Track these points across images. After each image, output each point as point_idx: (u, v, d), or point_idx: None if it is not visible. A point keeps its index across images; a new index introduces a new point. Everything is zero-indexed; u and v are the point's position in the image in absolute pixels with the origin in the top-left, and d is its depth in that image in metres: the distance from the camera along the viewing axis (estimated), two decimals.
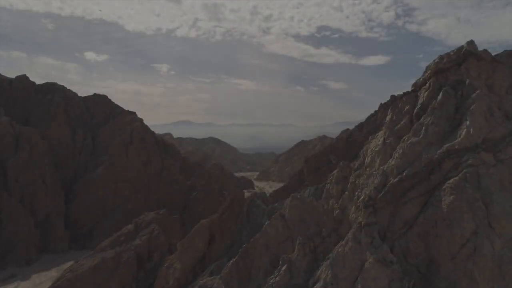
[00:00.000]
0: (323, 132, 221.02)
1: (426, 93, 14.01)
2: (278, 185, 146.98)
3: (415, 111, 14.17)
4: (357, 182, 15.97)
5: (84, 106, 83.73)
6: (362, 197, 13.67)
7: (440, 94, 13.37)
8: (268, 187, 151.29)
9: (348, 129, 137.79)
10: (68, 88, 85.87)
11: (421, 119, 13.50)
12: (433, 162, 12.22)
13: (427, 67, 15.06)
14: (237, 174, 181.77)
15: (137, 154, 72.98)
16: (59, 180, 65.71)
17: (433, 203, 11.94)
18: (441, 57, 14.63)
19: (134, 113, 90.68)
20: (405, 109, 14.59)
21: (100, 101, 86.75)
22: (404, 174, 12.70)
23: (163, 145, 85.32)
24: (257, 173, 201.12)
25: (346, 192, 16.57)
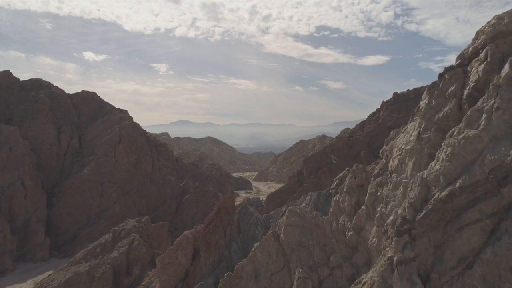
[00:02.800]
0: (322, 132, 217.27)
1: (482, 66, 9.66)
2: (277, 186, 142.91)
3: (466, 92, 9.80)
4: (379, 193, 11.62)
5: (71, 104, 79.22)
6: (392, 217, 9.34)
7: (506, 66, 9.04)
8: (267, 187, 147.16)
9: (348, 128, 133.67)
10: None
11: (478, 103, 9.16)
12: (505, 167, 7.91)
13: (478, 32, 10.72)
14: (235, 175, 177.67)
15: (126, 154, 68.51)
16: (41, 182, 61.16)
17: (508, 231, 7.64)
18: (499, 18, 10.30)
19: (125, 111, 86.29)
20: (450, 90, 10.21)
21: (88, 98, 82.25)
22: (458, 185, 8.38)
23: (154, 145, 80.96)
24: (256, 173, 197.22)
25: (363, 207, 12.19)
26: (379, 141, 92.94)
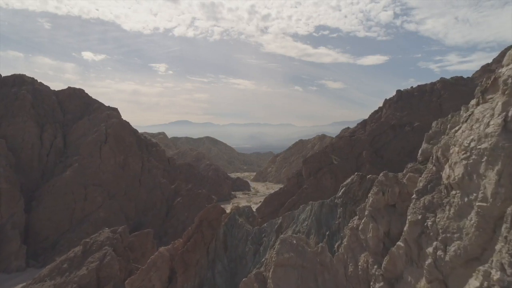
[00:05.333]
0: (322, 132, 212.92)
1: None
2: (276, 186, 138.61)
3: None
4: (429, 223, 7.11)
5: (56, 101, 74.62)
6: (478, 282, 4.92)
7: None
8: (265, 188, 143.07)
9: (348, 128, 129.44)
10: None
11: None
12: None
13: None
14: (233, 175, 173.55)
15: (112, 154, 63.93)
16: (19, 185, 56.59)
17: None
18: None
19: (115, 108, 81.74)
20: None
21: (75, 95, 77.64)
22: None
23: (145, 144, 76.42)
24: (254, 173, 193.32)
25: (400, 243, 7.67)
26: (382, 140, 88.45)
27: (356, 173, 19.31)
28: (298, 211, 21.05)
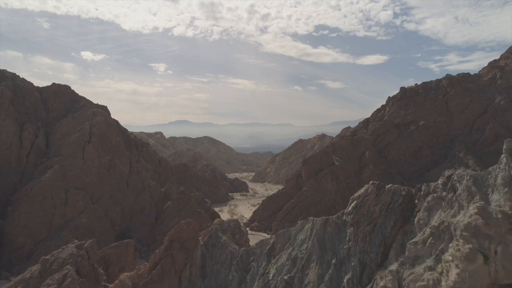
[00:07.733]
0: (321, 132, 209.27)
1: None
2: (275, 187, 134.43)
3: None
4: None
5: (39, 98, 70.02)
6: None
7: None
8: (264, 189, 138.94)
9: (349, 127, 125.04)
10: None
11: None
12: None
13: None
14: (232, 175, 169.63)
15: (96, 155, 59.29)
16: None
17: None
18: None
19: (103, 106, 77.22)
20: None
21: (60, 92, 73.00)
22: None
23: (134, 144, 71.85)
24: (254, 173, 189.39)
25: None
26: (386, 140, 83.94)
27: (371, 182, 14.78)
28: (296, 228, 16.45)
